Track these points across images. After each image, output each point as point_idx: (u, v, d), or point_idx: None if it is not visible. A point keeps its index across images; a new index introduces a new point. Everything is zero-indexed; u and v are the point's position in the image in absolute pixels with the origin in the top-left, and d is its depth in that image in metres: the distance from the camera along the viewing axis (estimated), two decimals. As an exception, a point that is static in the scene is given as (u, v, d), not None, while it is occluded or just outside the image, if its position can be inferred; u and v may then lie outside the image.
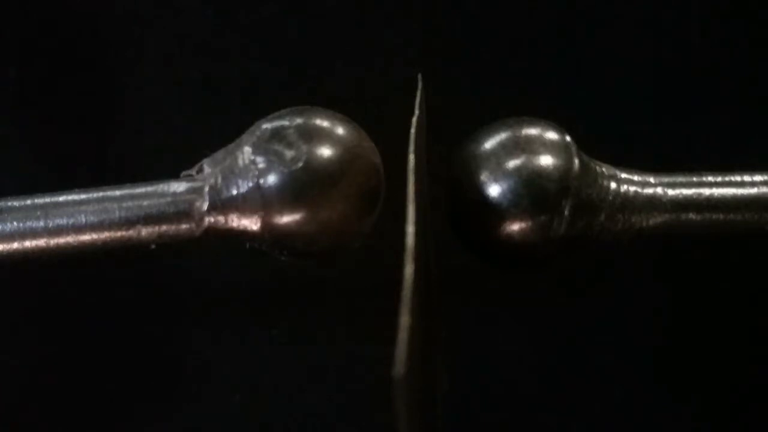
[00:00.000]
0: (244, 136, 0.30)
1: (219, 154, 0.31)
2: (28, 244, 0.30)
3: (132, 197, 0.30)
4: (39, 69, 0.50)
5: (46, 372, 0.52)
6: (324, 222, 0.29)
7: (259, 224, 0.30)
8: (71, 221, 0.30)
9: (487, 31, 0.50)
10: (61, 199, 0.30)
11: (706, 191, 0.32)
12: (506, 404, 0.53)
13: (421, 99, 0.32)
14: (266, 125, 0.30)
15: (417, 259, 0.23)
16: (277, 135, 0.30)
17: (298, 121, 0.30)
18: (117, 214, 0.30)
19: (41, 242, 0.30)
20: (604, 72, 0.51)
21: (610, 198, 0.31)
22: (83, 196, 0.30)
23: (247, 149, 0.30)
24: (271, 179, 0.29)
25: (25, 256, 0.30)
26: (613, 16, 0.50)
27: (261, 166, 0.29)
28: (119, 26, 0.50)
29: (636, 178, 0.32)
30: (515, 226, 0.30)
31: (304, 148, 0.29)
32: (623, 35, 0.51)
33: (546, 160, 0.31)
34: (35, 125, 0.51)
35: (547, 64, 0.51)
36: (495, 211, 0.30)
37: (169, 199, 0.30)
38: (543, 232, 0.30)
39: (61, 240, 0.30)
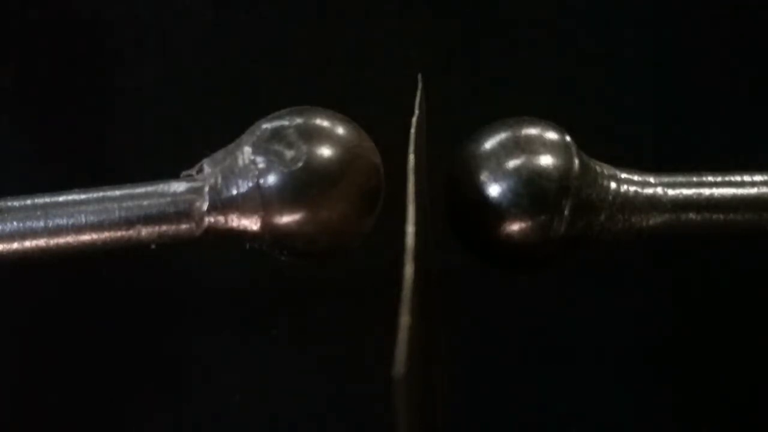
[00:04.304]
0: (244, 136, 0.30)
1: (219, 154, 0.31)
2: (28, 244, 0.30)
3: (132, 197, 0.30)
4: (39, 69, 0.50)
5: (46, 372, 0.52)
6: (324, 222, 0.29)
7: (259, 224, 0.29)
8: (71, 221, 0.30)
9: (487, 31, 0.50)
10: (61, 199, 0.30)
11: (706, 191, 0.32)
12: (506, 404, 0.53)
13: (421, 99, 0.32)
14: (266, 125, 0.30)
15: (417, 259, 0.23)
16: (277, 135, 0.30)
17: (298, 121, 0.30)
18: (117, 214, 0.30)
19: (41, 242, 0.30)
20: (604, 72, 0.51)
21: (610, 198, 0.31)
22: (83, 196, 0.30)
23: (247, 149, 0.30)
24: (271, 179, 0.29)
25: (25, 256, 0.30)
26: (613, 16, 0.50)
27: (261, 166, 0.29)
28: (119, 26, 0.50)
29: (636, 178, 0.32)
30: (515, 226, 0.30)
31: (304, 148, 0.29)
32: (623, 35, 0.51)
33: (546, 160, 0.31)
34: (35, 125, 0.51)
35: (547, 64, 0.51)
36: (495, 211, 0.30)
37: (169, 199, 0.30)
38: (543, 232, 0.30)
39: (61, 240, 0.30)
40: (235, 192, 0.29)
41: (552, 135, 0.31)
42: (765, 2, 0.50)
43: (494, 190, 0.30)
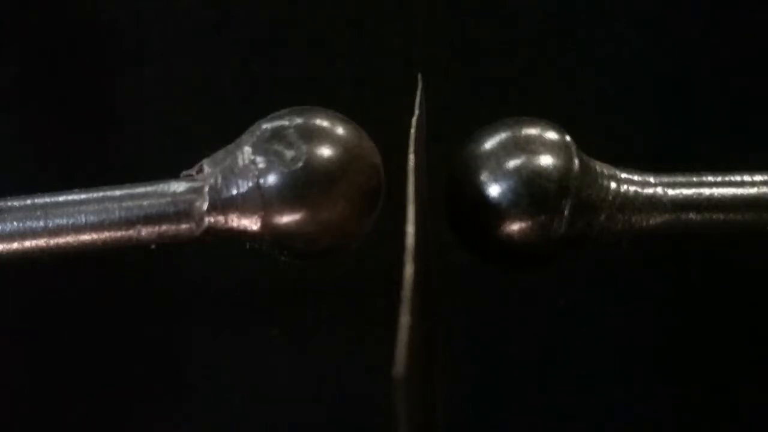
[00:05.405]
0: (244, 136, 0.30)
1: (219, 154, 0.31)
2: (28, 244, 0.30)
3: (132, 197, 0.30)
4: (39, 69, 0.50)
5: (46, 372, 0.52)
6: (324, 222, 0.29)
7: (259, 224, 0.29)
8: (71, 221, 0.30)
9: (487, 31, 0.50)
10: (61, 199, 0.30)
11: (706, 191, 0.32)
12: (506, 404, 0.53)
13: (421, 99, 0.32)
14: (266, 125, 0.30)
15: (417, 259, 0.23)
16: (277, 135, 0.30)
17: (298, 121, 0.30)
18: (117, 214, 0.30)
19: (41, 242, 0.30)
20: (604, 72, 0.51)
21: (610, 198, 0.31)
22: (83, 196, 0.30)
23: (247, 149, 0.30)
24: (271, 179, 0.29)
25: (25, 256, 0.30)
26: (612, 16, 0.50)
27: (261, 166, 0.29)
28: (119, 26, 0.50)
29: (636, 178, 0.32)
30: (515, 226, 0.30)
31: (304, 148, 0.29)
32: (623, 35, 0.51)
33: (546, 160, 0.31)
34: (35, 125, 0.51)
35: (547, 64, 0.51)
36: (495, 211, 0.30)
37: (169, 199, 0.30)
38: (543, 232, 0.30)
39: (61, 240, 0.30)
40: (235, 192, 0.29)
41: (552, 135, 0.31)
42: (765, 2, 0.50)
43: (494, 190, 0.30)
